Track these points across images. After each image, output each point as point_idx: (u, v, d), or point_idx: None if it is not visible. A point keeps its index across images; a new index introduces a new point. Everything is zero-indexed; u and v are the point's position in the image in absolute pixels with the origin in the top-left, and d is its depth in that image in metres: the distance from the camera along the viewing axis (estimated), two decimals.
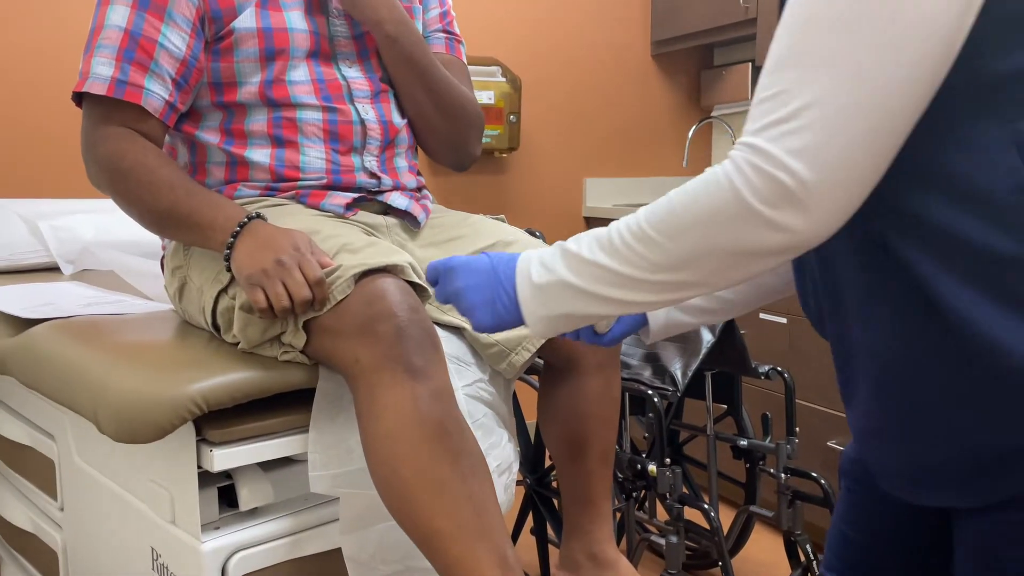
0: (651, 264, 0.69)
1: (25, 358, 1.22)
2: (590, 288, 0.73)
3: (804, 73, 0.61)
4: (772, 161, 0.62)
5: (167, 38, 1.16)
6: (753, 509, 1.72)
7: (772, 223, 0.63)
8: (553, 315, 0.77)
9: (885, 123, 0.61)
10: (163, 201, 1.13)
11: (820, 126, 0.61)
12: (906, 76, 0.60)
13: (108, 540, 1.24)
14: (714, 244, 0.66)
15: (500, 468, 1.21)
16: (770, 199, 0.63)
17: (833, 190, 0.62)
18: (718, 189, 0.65)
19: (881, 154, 0.62)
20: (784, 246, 0.64)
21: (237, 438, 1.03)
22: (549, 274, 0.76)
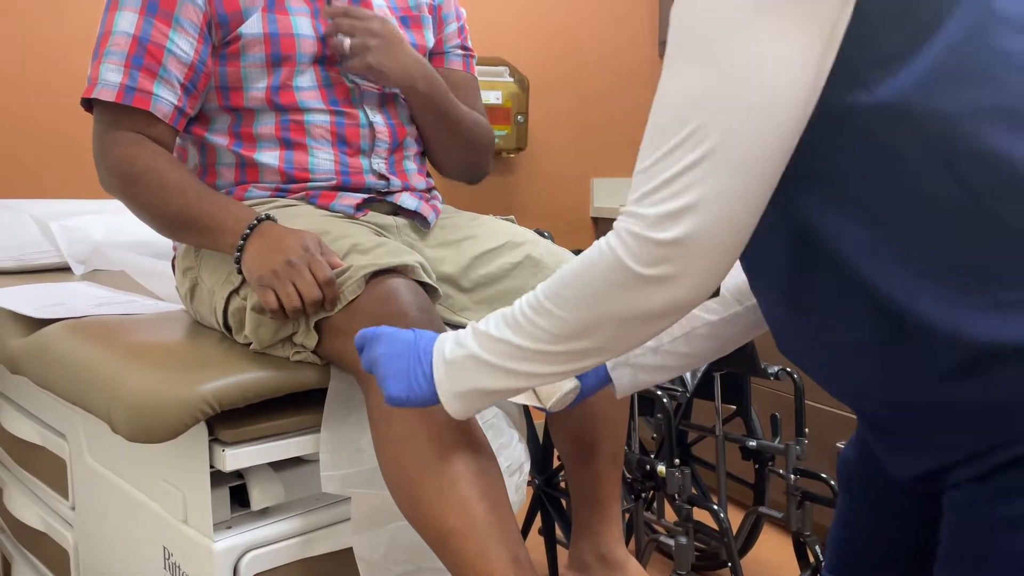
0: (551, 336, 0.72)
1: (38, 358, 1.23)
2: (498, 362, 0.76)
3: (675, 144, 0.64)
4: (649, 227, 0.65)
5: (175, 43, 1.17)
6: (762, 510, 1.72)
7: (655, 286, 0.67)
8: (464, 391, 0.79)
9: (752, 183, 0.64)
10: (173, 205, 1.14)
11: (693, 192, 0.63)
12: (767, 139, 0.62)
13: (119, 539, 1.24)
14: (605, 311, 0.70)
15: (511, 468, 1.21)
16: (650, 262, 0.66)
17: (710, 247, 0.65)
18: (602, 258, 0.69)
19: (753, 204, 0.65)
20: (670, 307, 0.68)
21: (249, 438, 1.04)
22: (461, 350, 0.79)
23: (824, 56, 0.62)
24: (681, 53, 0.64)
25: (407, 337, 0.84)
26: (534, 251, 1.25)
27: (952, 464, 0.67)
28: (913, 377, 0.68)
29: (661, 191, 0.65)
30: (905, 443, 0.72)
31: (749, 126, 0.62)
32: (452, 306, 1.24)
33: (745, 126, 0.62)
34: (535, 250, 1.25)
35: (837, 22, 0.62)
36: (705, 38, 0.62)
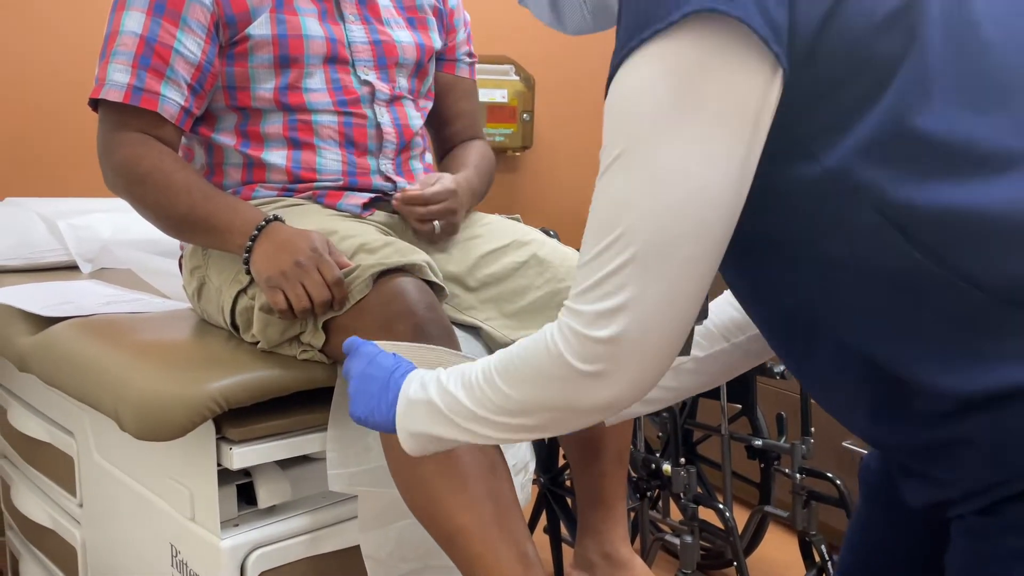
0: (495, 407, 0.74)
1: (46, 356, 1.23)
2: (449, 416, 0.77)
3: (606, 245, 0.65)
4: (586, 324, 0.66)
5: (182, 44, 1.17)
6: (768, 509, 1.72)
7: (592, 381, 0.68)
8: (417, 432, 0.81)
9: (680, 284, 0.64)
10: (180, 205, 1.14)
11: (622, 293, 0.64)
12: (693, 240, 0.63)
13: (127, 536, 1.25)
14: (544, 399, 0.71)
15: (516, 467, 1.22)
16: (587, 359, 0.67)
17: (642, 347, 0.66)
18: (545, 350, 0.70)
19: (684, 304, 0.65)
20: (606, 404, 0.69)
21: (256, 436, 1.04)
22: (422, 393, 0.80)
23: (751, 147, 0.63)
24: (610, 152, 0.65)
25: (386, 363, 0.86)
26: (540, 250, 1.25)
27: (952, 500, 0.68)
28: (901, 424, 0.69)
29: (595, 290, 0.66)
30: (910, 475, 0.73)
31: (673, 230, 0.63)
32: (458, 305, 1.24)
33: (668, 230, 0.63)
34: (541, 249, 1.25)
35: (761, 112, 0.62)
36: (630, 141, 0.63)
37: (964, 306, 0.63)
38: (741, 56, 0.60)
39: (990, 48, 0.64)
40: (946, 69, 0.63)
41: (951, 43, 0.63)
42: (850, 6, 0.62)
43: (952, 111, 0.62)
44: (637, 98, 0.62)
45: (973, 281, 0.62)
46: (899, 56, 0.62)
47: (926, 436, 0.67)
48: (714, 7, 0.59)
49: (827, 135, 0.64)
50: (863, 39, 0.62)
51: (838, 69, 0.62)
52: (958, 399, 0.64)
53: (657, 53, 0.61)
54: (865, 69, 0.62)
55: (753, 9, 0.60)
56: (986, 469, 0.64)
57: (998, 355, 0.62)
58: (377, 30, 1.30)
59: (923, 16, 0.63)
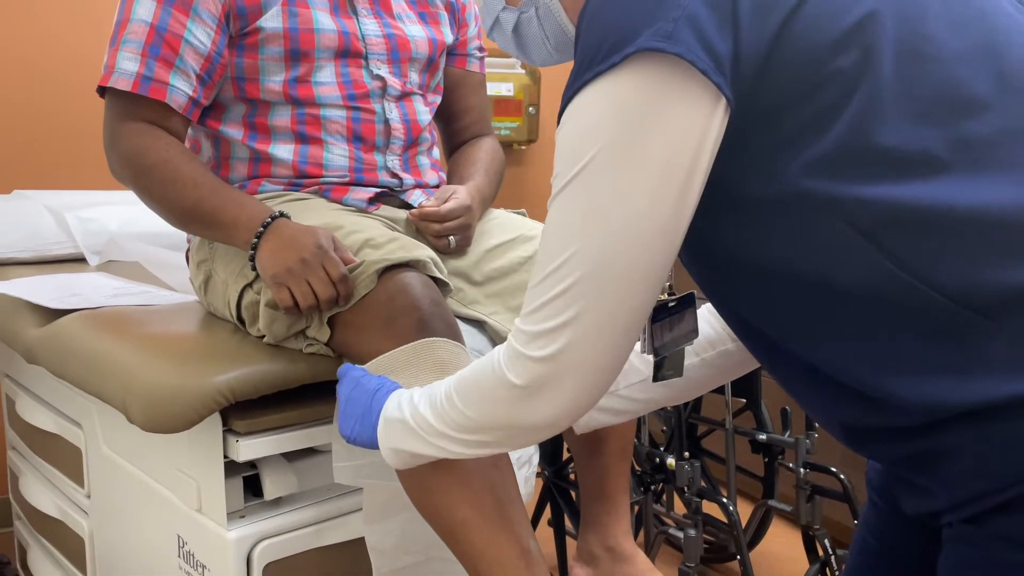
0: (455, 425, 0.79)
1: (54, 348, 1.24)
2: (420, 433, 0.82)
3: (552, 270, 0.68)
4: (527, 343, 0.70)
5: (192, 34, 1.17)
6: (771, 503, 1.72)
7: (531, 400, 0.71)
8: (395, 448, 0.86)
9: (620, 308, 0.67)
10: (187, 198, 1.14)
11: (563, 315, 0.68)
12: (634, 267, 0.66)
13: (134, 527, 1.26)
14: (491, 417, 0.76)
15: (520, 460, 1.22)
16: (526, 377, 0.71)
17: (579, 366, 0.69)
18: (492, 371, 0.74)
19: (622, 327, 0.68)
20: (549, 420, 0.72)
21: (262, 429, 1.05)
22: (398, 412, 0.85)
23: (691, 177, 0.65)
24: (559, 181, 0.68)
25: (370, 386, 0.91)
26: None
27: (940, 509, 0.68)
28: (876, 441, 0.71)
29: (540, 311, 0.69)
30: (900, 482, 0.73)
31: (614, 259, 0.66)
32: (463, 300, 1.24)
33: (610, 259, 0.66)
34: None
35: (703, 143, 0.64)
36: (576, 174, 0.66)
37: (936, 317, 0.63)
38: (683, 90, 0.63)
39: (939, 61, 0.65)
40: (899, 83, 0.63)
41: (904, 56, 0.64)
42: (800, 26, 0.64)
43: (905, 124, 0.63)
44: (583, 134, 0.66)
45: (940, 290, 0.62)
46: (857, 74, 0.63)
47: (904, 450, 0.68)
48: (654, 46, 0.62)
49: (786, 152, 0.65)
50: (819, 58, 0.63)
51: (795, 88, 0.64)
52: (937, 414, 0.64)
53: (602, 91, 0.65)
54: (823, 87, 0.63)
55: (694, 44, 0.62)
56: (971, 479, 0.64)
57: (975, 367, 0.62)
58: (390, 24, 1.30)
59: (878, 32, 0.64)
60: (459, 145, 1.46)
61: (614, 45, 0.63)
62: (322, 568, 1.13)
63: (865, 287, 0.64)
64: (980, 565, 0.66)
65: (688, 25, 0.62)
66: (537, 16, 0.84)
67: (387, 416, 0.86)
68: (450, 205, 1.23)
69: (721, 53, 0.63)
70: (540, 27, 0.85)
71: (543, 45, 0.87)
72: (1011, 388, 0.61)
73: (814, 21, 0.64)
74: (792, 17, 0.63)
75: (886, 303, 0.64)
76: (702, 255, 0.74)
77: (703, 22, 0.62)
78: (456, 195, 1.26)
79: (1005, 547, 0.64)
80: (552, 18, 0.84)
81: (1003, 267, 0.62)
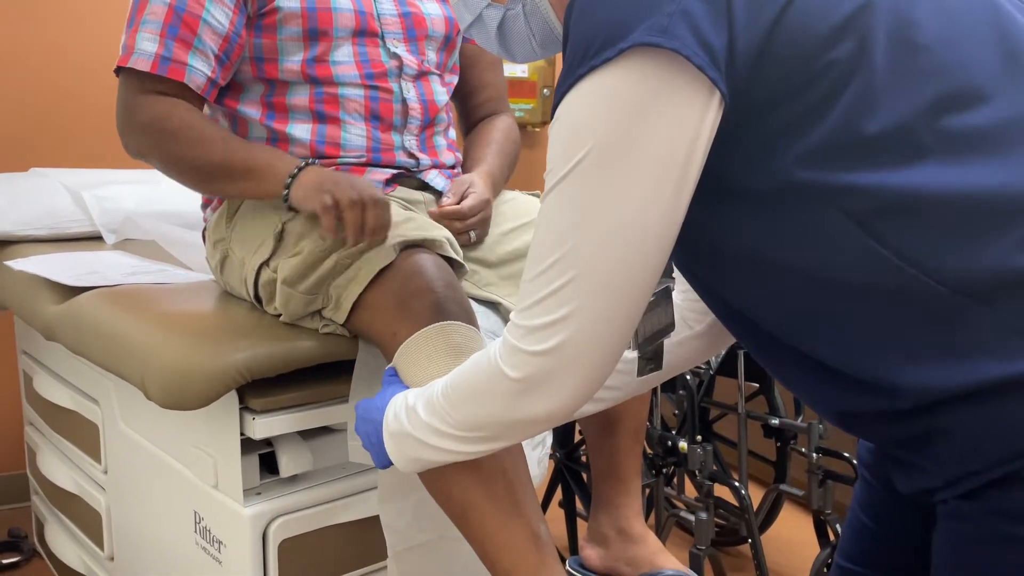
0: (456, 423, 0.79)
1: (73, 325, 1.25)
2: (424, 439, 0.82)
3: (547, 266, 0.68)
4: (523, 338, 0.70)
5: (211, 14, 1.17)
6: (783, 488, 1.73)
7: (529, 394, 0.72)
8: (407, 458, 0.87)
9: (616, 303, 0.68)
10: (216, 153, 1.15)
11: (560, 311, 0.68)
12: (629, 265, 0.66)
13: (151, 503, 1.28)
14: (488, 413, 0.76)
15: (533, 442, 1.23)
16: (523, 371, 0.71)
17: (577, 361, 0.69)
18: (488, 366, 0.74)
19: (619, 322, 0.69)
20: (547, 414, 0.73)
21: (278, 407, 1.06)
22: (397, 424, 0.86)
23: (686, 172, 0.65)
24: (553, 176, 0.68)
25: (376, 417, 0.91)
26: None
27: (934, 487, 0.68)
28: (867, 424, 0.71)
29: (536, 307, 0.69)
30: (893, 461, 0.74)
31: (611, 254, 0.66)
32: (478, 281, 1.25)
33: (607, 254, 0.66)
34: None
35: (697, 137, 0.64)
36: (571, 170, 0.66)
37: (929, 302, 0.63)
38: (677, 85, 0.63)
39: (930, 51, 0.64)
40: (891, 73, 0.63)
41: (896, 47, 0.64)
42: (794, 19, 0.63)
43: (896, 113, 0.63)
44: (578, 129, 0.65)
45: (932, 275, 0.63)
46: (851, 66, 0.63)
47: (897, 431, 0.68)
48: (650, 41, 0.61)
49: (780, 144, 0.65)
50: (814, 50, 0.63)
51: (789, 80, 0.64)
52: (930, 397, 0.64)
53: (596, 86, 0.64)
54: (817, 79, 0.63)
55: (689, 38, 0.61)
56: (964, 458, 0.65)
57: (968, 351, 0.63)
58: (406, 2, 1.29)
59: (871, 23, 0.64)
60: (476, 123, 1.45)
61: (608, 39, 0.63)
62: (337, 545, 1.14)
63: (859, 275, 0.65)
64: (976, 540, 0.66)
65: (683, 19, 0.61)
66: (524, 13, 0.84)
67: (391, 430, 0.87)
68: (470, 202, 1.22)
69: (716, 47, 0.62)
70: (527, 23, 0.85)
71: (528, 42, 0.86)
72: (1003, 369, 0.62)
73: (808, 13, 0.63)
74: (786, 9, 0.63)
75: (879, 290, 0.64)
76: (691, 244, 0.73)
77: (698, 16, 0.62)
78: (473, 189, 1.25)
79: (1001, 521, 0.64)
80: (539, 14, 0.84)
81: (991, 250, 0.62)
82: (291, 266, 1.08)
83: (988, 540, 0.65)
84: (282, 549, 1.08)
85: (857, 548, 0.92)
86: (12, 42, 2.02)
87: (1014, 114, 0.64)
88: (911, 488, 0.71)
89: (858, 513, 0.92)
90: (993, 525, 0.64)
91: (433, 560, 1.11)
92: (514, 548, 0.96)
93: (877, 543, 0.90)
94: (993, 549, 0.65)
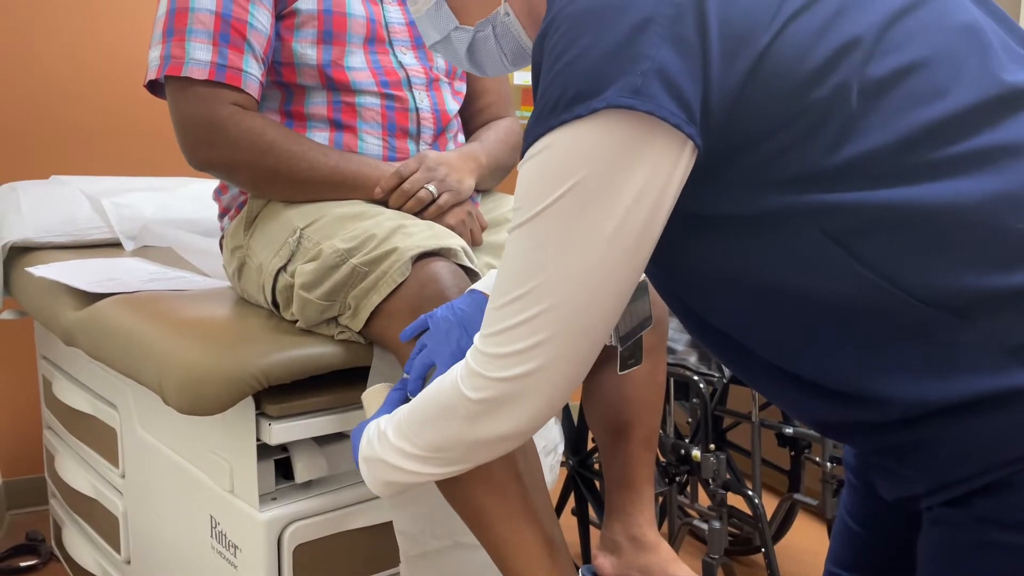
0: (420, 444, 0.80)
1: (92, 331, 1.27)
2: (392, 461, 0.82)
3: (515, 297, 0.68)
4: (488, 365, 0.71)
5: (255, 17, 1.19)
6: (797, 497, 1.72)
7: (490, 417, 0.72)
8: (380, 482, 0.86)
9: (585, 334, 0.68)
10: (323, 166, 1.19)
11: (528, 340, 0.68)
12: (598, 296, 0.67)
13: (168, 507, 1.29)
14: (450, 435, 0.76)
15: (546, 449, 1.23)
16: (493, 396, 0.71)
17: (541, 387, 0.70)
18: (450, 389, 0.75)
19: (583, 352, 0.69)
20: (511, 434, 0.73)
21: (294, 413, 1.07)
22: (369, 450, 0.86)
23: (655, 215, 0.65)
24: (522, 213, 0.68)
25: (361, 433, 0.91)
26: None
27: (918, 495, 0.69)
28: (851, 434, 0.72)
29: (502, 335, 0.69)
30: (876, 469, 0.74)
31: (580, 291, 0.66)
32: None
33: (576, 292, 0.66)
34: None
35: (668, 185, 0.64)
36: (540, 212, 0.66)
37: (910, 319, 0.63)
38: (651, 142, 0.63)
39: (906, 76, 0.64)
40: (871, 103, 0.63)
41: (873, 78, 0.64)
42: (772, 64, 0.63)
43: (875, 140, 0.63)
44: (547, 174, 0.65)
45: (911, 292, 0.63)
46: (831, 104, 0.63)
47: (881, 441, 0.69)
48: (623, 104, 0.61)
49: (757, 177, 0.65)
50: (793, 93, 0.63)
51: (767, 122, 0.64)
52: (915, 410, 0.64)
53: (569, 138, 0.64)
54: (797, 119, 0.63)
55: (663, 97, 0.61)
56: (949, 467, 0.65)
57: (953, 366, 0.63)
58: None
59: (850, 60, 0.63)
60: (477, 127, 1.46)
61: (580, 94, 0.63)
62: (351, 550, 1.15)
63: (840, 294, 0.65)
64: (961, 546, 0.66)
65: (657, 77, 0.61)
66: (494, 35, 0.84)
67: (363, 456, 0.87)
68: (399, 167, 1.23)
69: (691, 101, 0.62)
70: (497, 44, 0.85)
71: (499, 59, 0.87)
72: (987, 384, 0.62)
73: (786, 58, 0.63)
74: (764, 56, 0.63)
75: (860, 307, 0.65)
76: (666, 265, 0.74)
77: (672, 71, 0.62)
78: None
79: (986, 527, 0.64)
80: (511, 36, 0.84)
81: (967, 267, 0.62)
82: (308, 271, 1.10)
83: (973, 546, 0.65)
84: (297, 554, 1.09)
85: (846, 553, 0.92)
86: (32, 51, 2.05)
87: (1001, 137, 0.64)
88: (894, 495, 0.71)
89: (846, 518, 0.92)
90: (978, 531, 0.65)
91: (446, 566, 1.12)
92: (528, 552, 0.96)
93: (865, 547, 0.90)
94: (978, 555, 0.65)
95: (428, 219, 1.18)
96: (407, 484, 0.85)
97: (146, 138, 2.15)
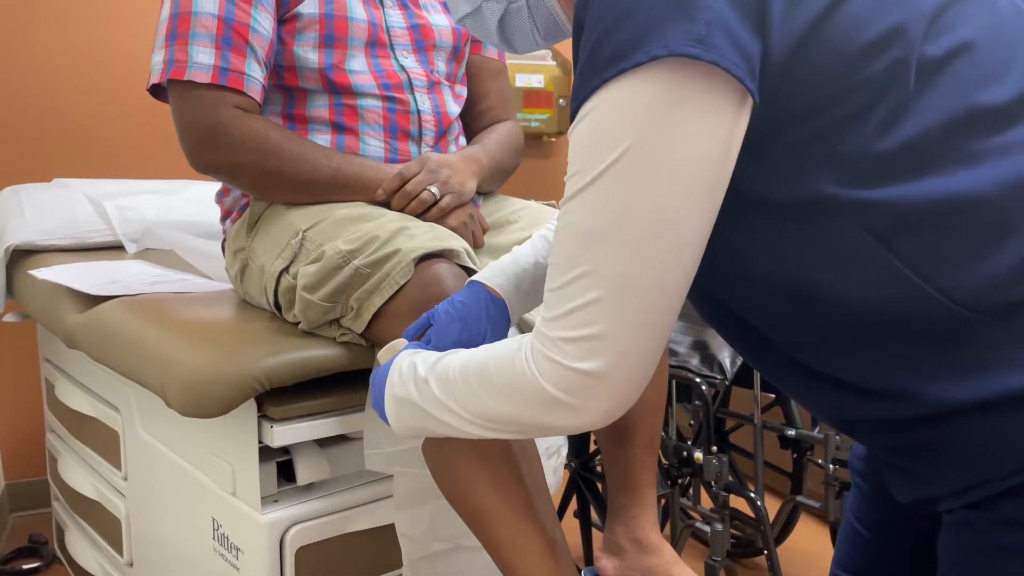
0: (473, 410, 0.76)
1: (94, 333, 1.27)
2: (432, 412, 0.79)
3: (572, 278, 0.64)
4: (563, 355, 0.66)
5: (258, 22, 1.20)
6: (800, 499, 1.72)
7: (564, 409, 0.68)
8: (406, 425, 0.84)
9: (651, 316, 0.64)
10: (325, 168, 1.19)
11: (595, 326, 0.64)
12: (661, 277, 0.63)
13: (170, 509, 1.29)
14: (518, 415, 0.72)
15: (549, 451, 1.23)
16: (567, 388, 0.67)
17: (619, 377, 0.66)
18: (522, 373, 0.70)
19: (657, 332, 0.65)
20: (581, 424, 0.69)
21: (296, 415, 1.07)
22: (404, 390, 0.82)
23: (717, 180, 0.62)
24: (576, 182, 0.64)
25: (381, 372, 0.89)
26: None
27: (938, 496, 0.68)
28: (872, 432, 0.70)
29: (568, 318, 0.65)
30: (894, 470, 0.73)
31: (641, 265, 0.63)
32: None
33: (637, 265, 0.63)
34: None
35: (729, 146, 0.61)
36: (595, 176, 0.63)
37: (946, 319, 0.63)
38: (714, 94, 0.60)
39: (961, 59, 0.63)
40: (923, 85, 0.62)
41: (930, 58, 0.63)
42: (831, 29, 0.61)
43: (924, 125, 0.62)
44: (606, 132, 0.62)
45: (949, 294, 0.62)
46: (888, 80, 0.62)
47: (902, 439, 0.68)
48: (688, 52, 0.58)
49: (804, 156, 0.63)
50: (853, 62, 0.61)
51: (821, 92, 0.62)
52: (945, 408, 0.64)
53: (627, 90, 0.61)
54: (854, 92, 0.62)
55: (728, 49, 0.59)
56: (974, 468, 0.64)
57: (986, 364, 0.62)
58: (414, 14, 1.31)
59: (910, 35, 0.62)
60: (478, 131, 1.46)
61: (637, 43, 0.60)
62: (352, 553, 1.15)
63: (877, 292, 0.64)
64: (986, 549, 0.65)
65: (720, 28, 0.59)
66: (528, 6, 0.81)
67: (394, 394, 0.83)
68: (401, 169, 1.23)
69: (752, 55, 0.60)
70: (530, 17, 0.82)
71: (531, 35, 0.83)
72: (1016, 382, 0.61)
73: (848, 24, 0.61)
74: (824, 18, 0.61)
75: (896, 306, 0.64)
76: None
77: (734, 23, 0.59)
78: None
79: (1011, 531, 0.64)
80: (544, 8, 0.81)
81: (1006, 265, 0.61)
82: (310, 273, 1.10)
83: (996, 550, 0.65)
84: (299, 556, 1.09)
85: (852, 557, 0.91)
86: (35, 53, 2.05)
87: None
88: (911, 497, 0.71)
89: (852, 522, 0.91)
90: (1003, 535, 0.64)
91: (448, 569, 1.12)
92: (530, 554, 0.96)
93: (872, 551, 0.90)
94: (1002, 559, 0.64)
95: (430, 221, 1.18)
96: (438, 435, 0.82)
97: (149, 141, 2.16)
